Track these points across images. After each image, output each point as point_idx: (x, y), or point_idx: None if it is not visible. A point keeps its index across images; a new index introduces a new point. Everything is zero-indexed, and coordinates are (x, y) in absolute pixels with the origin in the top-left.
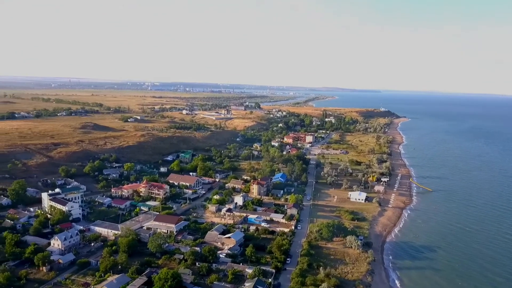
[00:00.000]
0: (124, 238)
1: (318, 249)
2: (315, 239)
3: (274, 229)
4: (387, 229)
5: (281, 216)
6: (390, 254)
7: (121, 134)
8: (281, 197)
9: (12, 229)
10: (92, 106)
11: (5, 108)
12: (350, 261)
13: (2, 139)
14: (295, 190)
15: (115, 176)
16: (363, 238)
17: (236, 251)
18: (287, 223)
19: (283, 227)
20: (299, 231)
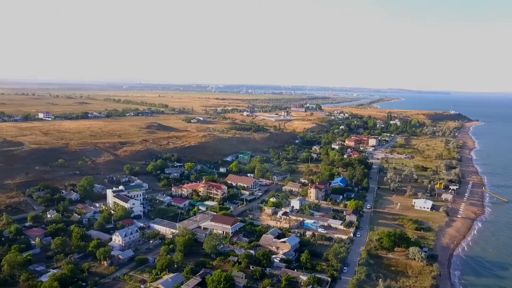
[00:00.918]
0: (181, 237)
1: (377, 259)
2: (374, 248)
3: (332, 235)
4: (455, 241)
5: (339, 223)
6: (458, 269)
7: (184, 134)
8: (340, 202)
9: (78, 223)
10: (158, 107)
11: (80, 109)
12: (412, 274)
13: (75, 137)
14: (355, 196)
15: (176, 175)
16: (428, 249)
17: (291, 256)
18: (346, 230)
19: (341, 234)
20: (358, 239)
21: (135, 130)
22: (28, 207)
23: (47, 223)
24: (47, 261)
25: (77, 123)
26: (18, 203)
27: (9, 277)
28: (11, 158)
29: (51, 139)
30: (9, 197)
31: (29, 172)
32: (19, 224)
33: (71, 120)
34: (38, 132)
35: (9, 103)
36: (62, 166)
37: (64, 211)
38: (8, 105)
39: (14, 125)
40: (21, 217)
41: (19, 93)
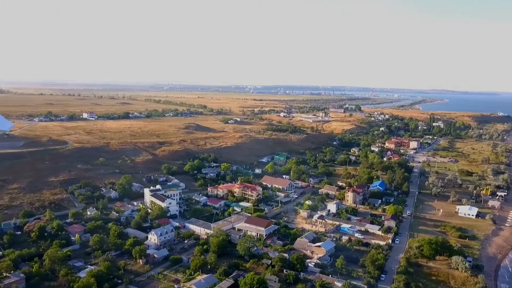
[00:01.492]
0: (215, 238)
1: (417, 268)
2: (414, 256)
3: (369, 241)
4: (502, 251)
5: (377, 228)
6: (506, 281)
7: (221, 135)
8: (379, 207)
9: (116, 221)
10: (196, 107)
11: (122, 109)
12: (455, 285)
13: (116, 137)
14: (394, 200)
15: (212, 175)
16: (473, 259)
17: (326, 261)
18: (384, 235)
19: (379, 240)
20: (396, 246)
21: (174, 130)
22: (70, 204)
23: (86, 220)
24: (86, 257)
25: (118, 123)
26: (60, 200)
27: (49, 271)
28: (56, 156)
29: (93, 138)
30: (53, 194)
31: (71, 170)
32: (61, 220)
33: (113, 120)
34: (82, 132)
35: (56, 103)
36: (102, 165)
37: (103, 208)
38: (55, 105)
39: (60, 125)
40: (63, 213)
41: (66, 93)
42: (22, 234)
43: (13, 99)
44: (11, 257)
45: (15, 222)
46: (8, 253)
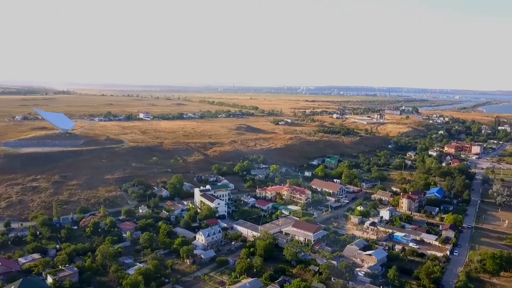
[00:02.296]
0: (262, 241)
1: (478, 283)
2: (475, 271)
3: (424, 251)
4: None
5: (434, 238)
6: None
7: (271, 136)
8: (436, 215)
9: (166, 220)
10: (248, 109)
11: (176, 110)
12: None
13: (170, 137)
14: (453, 209)
15: (261, 177)
16: None
17: (376, 271)
18: (441, 246)
19: (436, 251)
20: (455, 258)
21: (225, 131)
22: (123, 201)
23: (138, 217)
24: (135, 255)
25: (172, 123)
26: (114, 197)
27: (101, 266)
28: (112, 155)
29: (148, 138)
30: (108, 191)
31: (126, 168)
32: (114, 217)
33: (168, 120)
34: (137, 131)
35: (116, 104)
36: (155, 164)
37: (155, 207)
38: (115, 106)
39: (117, 124)
40: (116, 210)
41: (125, 94)
42: (78, 229)
43: (78, 100)
44: (66, 250)
45: (72, 217)
46: (64, 247)
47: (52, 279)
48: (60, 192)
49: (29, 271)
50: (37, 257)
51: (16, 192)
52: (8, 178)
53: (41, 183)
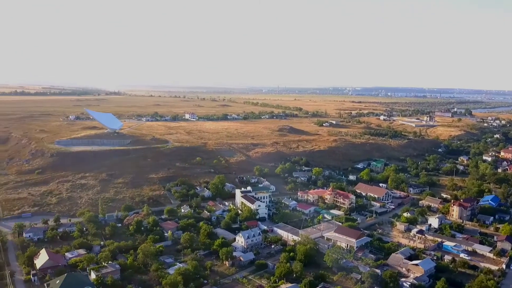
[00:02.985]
0: (302, 245)
1: None
2: None
3: (477, 263)
4: None
5: (488, 249)
6: None
7: (314, 138)
8: (490, 225)
9: (207, 220)
10: (292, 110)
11: (221, 111)
12: None
13: (213, 137)
14: (510, 219)
15: (303, 179)
16: None
17: (423, 282)
18: (496, 259)
19: (490, 264)
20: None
21: (268, 132)
22: (166, 201)
23: (180, 217)
24: (176, 254)
25: (216, 124)
26: (158, 196)
27: (142, 265)
28: (157, 154)
29: (192, 138)
30: (152, 190)
31: (170, 168)
32: (157, 216)
33: (212, 121)
34: (182, 132)
35: (163, 104)
36: (199, 164)
37: (196, 207)
38: (162, 106)
39: (164, 124)
40: (159, 209)
41: (173, 95)
42: (122, 227)
43: (127, 101)
44: (110, 248)
45: (117, 215)
46: (108, 244)
47: (95, 275)
48: (106, 190)
49: (75, 266)
50: (82, 252)
51: (66, 189)
52: (60, 175)
53: (89, 181)
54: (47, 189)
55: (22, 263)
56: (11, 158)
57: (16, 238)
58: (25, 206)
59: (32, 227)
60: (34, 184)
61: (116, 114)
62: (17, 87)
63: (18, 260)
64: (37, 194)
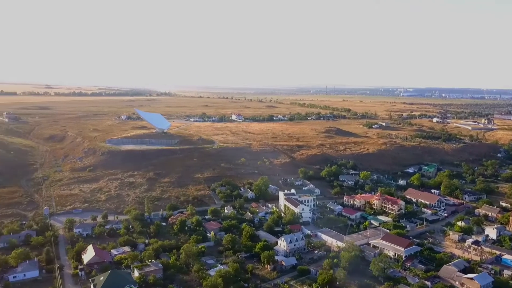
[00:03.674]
0: (347, 252)
1: None
2: None
3: None
4: None
5: None
6: None
7: (362, 140)
8: None
9: (250, 222)
10: (340, 111)
11: (267, 112)
12: None
13: (258, 138)
14: None
15: (350, 183)
16: None
17: None
18: None
19: None
20: None
21: (314, 134)
22: (210, 201)
23: (223, 218)
24: (218, 255)
25: (262, 125)
26: (203, 196)
27: (184, 265)
28: (203, 155)
29: (238, 139)
30: (197, 190)
31: (215, 168)
32: (200, 216)
33: (258, 122)
34: (228, 132)
35: (211, 105)
36: (243, 165)
37: (240, 208)
38: (210, 107)
39: (211, 125)
40: (203, 209)
41: (221, 97)
42: (166, 226)
43: (177, 101)
44: (154, 246)
45: (162, 214)
46: (152, 242)
47: (138, 273)
48: (153, 188)
49: (119, 263)
50: (127, 250)
51: (115, 187)
52: (110, 173)
53: (137, 179)
54: (97, 186)
55: (71, 258)
56: (66, 156)
57: (67, 233)
58: (76, 202)
59: (81, 223)
60: (86, 181)
61: (166, 114)
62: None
63: (68, 255)
64: (87, 191)
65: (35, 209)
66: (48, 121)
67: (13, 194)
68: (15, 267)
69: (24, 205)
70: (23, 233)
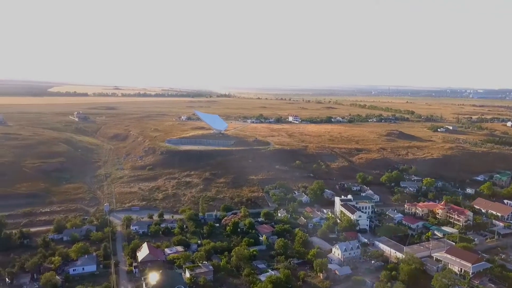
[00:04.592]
0: (407, 265)
1: None
2: None
3: None
4: None
5: None
6: None
7: (426, 144)
8: None
9: (303, 227)
10: (403, 113)
11: (325, 113)
12: None
13: (315, 141)
14: None
15: (412, 190)
16: None
17: None
18: None
19: None
20: None
21: (374, 137)
22: (264, 203)
23: (276, 221)
24: (269, 260)
25: (319, 127)
26: (256, 198)
27: (235, 268)
28: (258, 156)
29: (293, 141)
30: (251, 191)
31: (270, 170)
32: (253, 218)
33: (315, 124)
34: (284, 134)
35: (269, 106)
36: (298, 168)
37: (293, 212)
38: (268, 108)
39: (267, 126)
40: (256, 211)
41: (279, 98)
42: (219, 227)
43: (235, 103)
44: (206, 247)
45: (216, 214)
46: (204, 243)
47: (189, 274)
48: (208, 188)
49: (172, 263)
50: (180, 249)
51: (172, 186)
52: (168, 172)
53: (194, 179)
54: (155, 185)
55: (127, 255)
56: (128, 154)
57: (124, 230)
58: (135, 200)
59: (138, 221)
60: (145, 180)
61: (224, 115)
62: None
63: (124, 251)
64: (146, 189)
65: (97, 205)
66: (113, 120)
67: (78, 190)
68: (75, 261)
69: (87, 201)
70: (84, 228)
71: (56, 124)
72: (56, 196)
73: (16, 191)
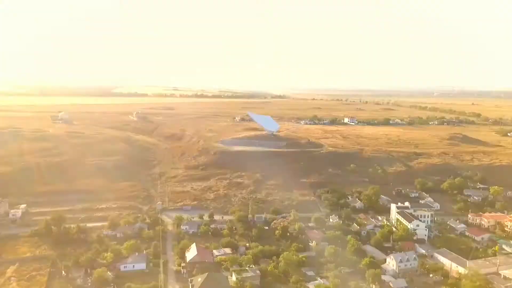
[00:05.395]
0: (470, 281)
1: None
2: None
3: None
4: None
5: None
6: None
7: (494, 150)
8: None
9: (356, 234)
10: (468, 116)
11: (383, 115)
12: None
13: (371, 143)
14: None
15: (477, 199)
16: None
17: None
18: None
19: None
20: None
21: (435, 140)
22: (315, 207)
23: (327, 227)
24: (318, 267)
25: (377, 129)
26: (307, 202)
27: (283, 274)
28: (310, 158)
29: (348, 143)
30: (302, 195)
31: (322, 174)
32: (303, 223)
33: (372, 126)
34: (339, 136)
35: (324, 107)
36: (352, 172)
37: (346, 218)
38: (322, 109)
39: (321, 128)
40: (306, 215)
41: (335, 99)
42: (268, 230)
43: (289, 104)
44: (254, 251)
45: (265, 217)
46: (253, 246)
47: (236, 278)
48: (259, 190)
49: (220, 265)
50: (228, 252)
51: (223, 186)
52: (220, 172)
53: (245, 180)
54: (207, 185)
55: (176, 254)
56: (182, 154)
57: (175, 229)
58: (187, 200)
59: (189, 221)
60: (197, 179)
61: (277, 116)
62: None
63: (173, 251)
64: (198, 189)
65: (150, 203)
66: (170, 120)
67: (133, 188)
68: (126, 258)
69: (141, 199)
70: (136, 225)
71: (116, 123)
72: (113, 193)
73: (76, 188)
